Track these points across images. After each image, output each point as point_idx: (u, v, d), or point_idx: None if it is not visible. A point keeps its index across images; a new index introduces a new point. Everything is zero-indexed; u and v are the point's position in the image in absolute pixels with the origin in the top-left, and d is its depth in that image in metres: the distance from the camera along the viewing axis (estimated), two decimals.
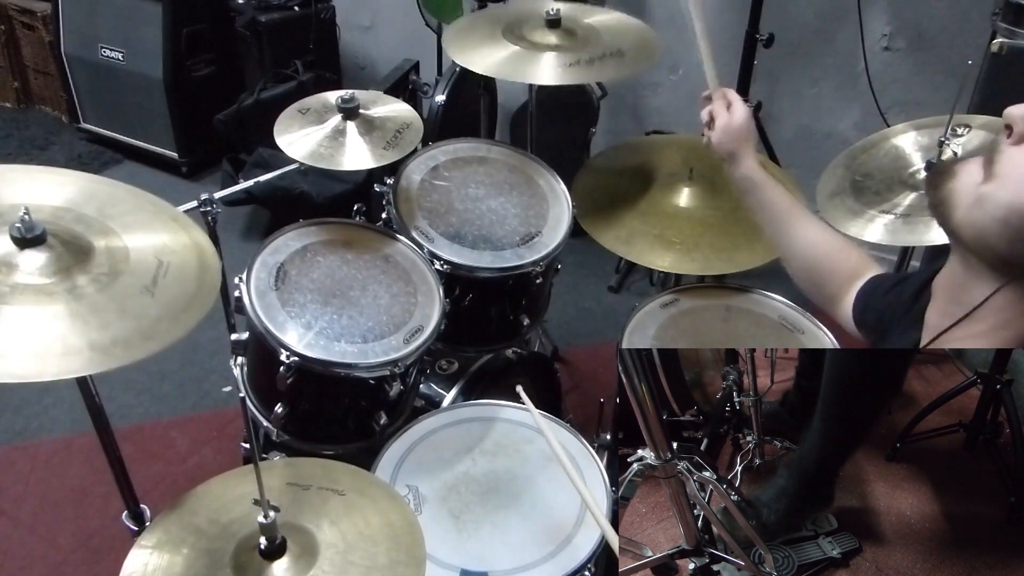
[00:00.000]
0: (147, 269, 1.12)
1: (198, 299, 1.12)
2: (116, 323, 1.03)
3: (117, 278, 1.09)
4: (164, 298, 1.09)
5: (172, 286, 1.12)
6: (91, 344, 1.00)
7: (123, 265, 1.11)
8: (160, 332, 1.05)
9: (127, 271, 1.11)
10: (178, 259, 1.16)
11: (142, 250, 1.15)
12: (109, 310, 1.05)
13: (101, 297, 1.06)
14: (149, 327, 1.05)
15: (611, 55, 1.84)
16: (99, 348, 1.00)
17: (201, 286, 1.15)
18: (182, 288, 1.12)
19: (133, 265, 1.12)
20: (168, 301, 1.09)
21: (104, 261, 1.11)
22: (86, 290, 1.06)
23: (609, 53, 1.84)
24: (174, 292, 1.11)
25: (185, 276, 1.14)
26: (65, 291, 1.05)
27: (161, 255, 1.15)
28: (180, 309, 1.09)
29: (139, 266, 1.12)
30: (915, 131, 1.73)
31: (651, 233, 1.80)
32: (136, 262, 1.13)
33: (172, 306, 1.09)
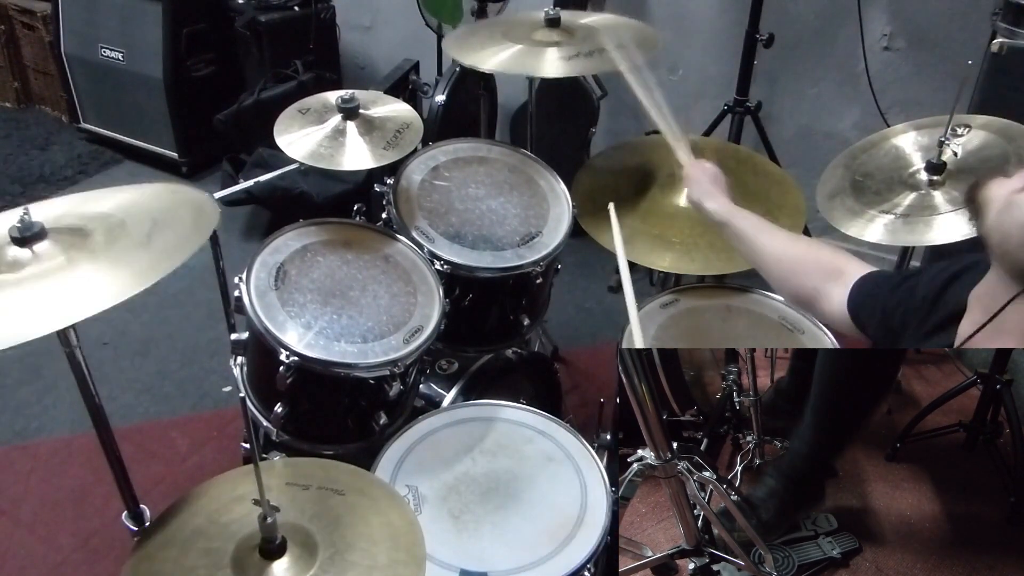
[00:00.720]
0: (142, 229, 1.16)
1: (193, 237, 1.16)
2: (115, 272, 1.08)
3: (113, 244, 1.13)
4: (160, 244, 1.14)
5: (168, 233, 1.16)
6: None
7: (119, 231, 1.15)
8: (160, 263, 1.09)
9: (123, 236, 1.14)
10: (174, 215, 1.21)
11: (138, 216, 1.19)
12: (105, 268, 1.09)
13: (97, 261, 1.10)
14: (149, 264, 1.09)
15: (612, 48, 1.85)
16: (110, 280, 1.05)
17: (196, 226, 1.19)
18: (178, 232, 1.17)
19: (130, 229, 1.16)
20: (164, 246, 1.13)
21: (101, 238, 1.14)
22: (83, 265, 1.09)
23: (613, 45, 1.85)
24: (170, 237, 1.15)
25: (181, 226, 1.19)
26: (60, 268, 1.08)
27: (156, 216, 1.19)
28: (177, 245, 1.14)
29: (135, 228, 1.16)
30: (915, 131, 1.73)
31: (651, 233, 1.80)
32: (132, 226, 1.16)
33: (171, 244, 1.14)
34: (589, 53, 1.84)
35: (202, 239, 1.17)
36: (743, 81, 2.73)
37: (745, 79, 2.73)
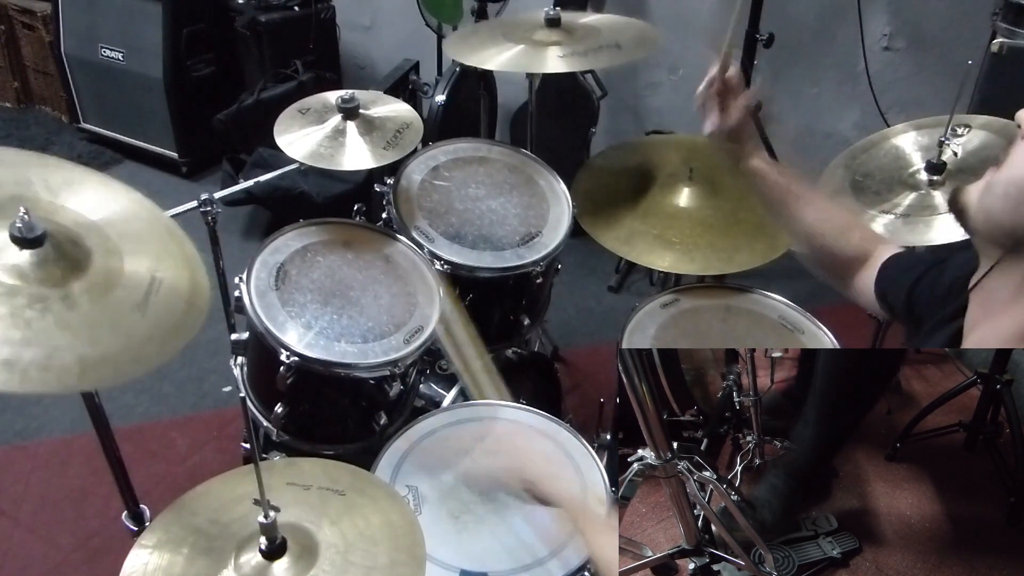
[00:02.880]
0: (140, 285, 1.10)
1: (187, 321, 1.10)
2: (107, 339, 1.01)
3: (111, 291, 1.07)
4: (155, 318, 1.07)
5: (162, 306, 1.09)
6: (81, 359, 0.98)
7: (117, 278, 1.09)
8: (148, 353, 1.03)
9: (121, 285, 1.08)
10: (171, 278, 1.13)
11: (137, 265, 1.12)
12: (101, 324, 1.02)
13: (94, 309, 1.04)
14: (139, 346, 1.03)
15: (611, 46, 1.85)
16: (89, 364, 0.98)
17: (190, 308, 1.12)
18: (172, 308, 1.10)
19: (127, 280, 1.10)
20: (158, 321, 1.07)
21: (100, 272, 1.08)
22: (80, 299, 1.04)
23: (609, 44, 1.85)
24: (164, 312, 1.09)
25: (176, 296, 1.12)
26: (59, 298, 1.03)
27: (155, 272, 1.13)
28: (169, 330, 1.07)
29: (133, 281, 1.10)
30: (915, 131, 1.73)
31: (651, 233, 1.80)
32: (130, 277, 1.10)
33: (161, 326, 1.07)
34: (591, 49, 1.84)
35: (195, 327, 1.10)
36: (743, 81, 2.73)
37: (745, 79, 2.72)
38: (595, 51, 1.84)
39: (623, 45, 1.87)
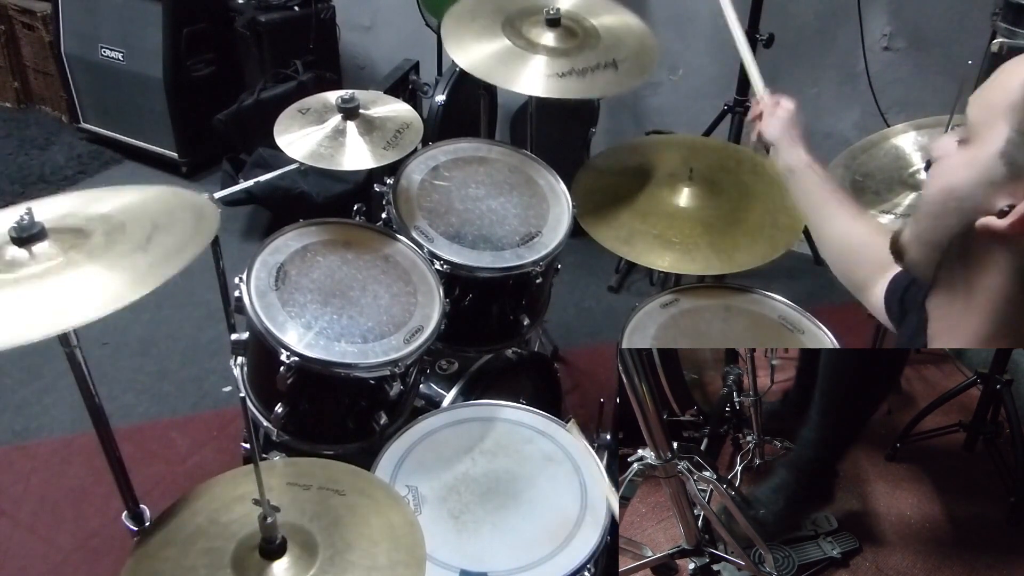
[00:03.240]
0: (142, 233, 1.15)
1: (193, 241, 1.15)
2: (109, 276, 1.07)
3: (112, 247, 1.12)
4: (158, 250, 1.13)
5: (166, 240, 1.15)
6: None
7: (118, 235, 1.14)
8: (153, 273, 1.08)
9: (122, 240, 1.13)
10: (175, 219, 1.20)
11: (138, 219, 1.18)
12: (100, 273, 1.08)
13: (94, 265, 1.09)
14: (144, 271, 1.08)
15: (605, 66, 1.83)
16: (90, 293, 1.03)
17: (197, 230, 1.18)
18: (178, 237, 1.16)
19: (128, 234, 1.14)
20: (162, 252, 1.12)
21: (101, 240, 1.13)
22: (82, 267, 1.09)
23: (603, 64, 1.83)
24: (168, 243, 1.14)
25: (182, 230, 1.18)
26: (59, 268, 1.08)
27: (157, 219, 1.18)
28: (175, 250, 1.13)
29: (134, 232, 1.15)
30: (915, 131, 1.73)
31: (651, 233, 1.80)
32: (132, 230, 1.15)
33: (168, 250, 1.13)
34: (582, 71, 1.81)
35: (202, 244, 1.16)
36: (743, 81, 2.73)
37: (745, 79, 2.72)
38: (592, 71, 1.81)
39: (620, 62, 1.85)
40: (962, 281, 0.90)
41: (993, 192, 0.83)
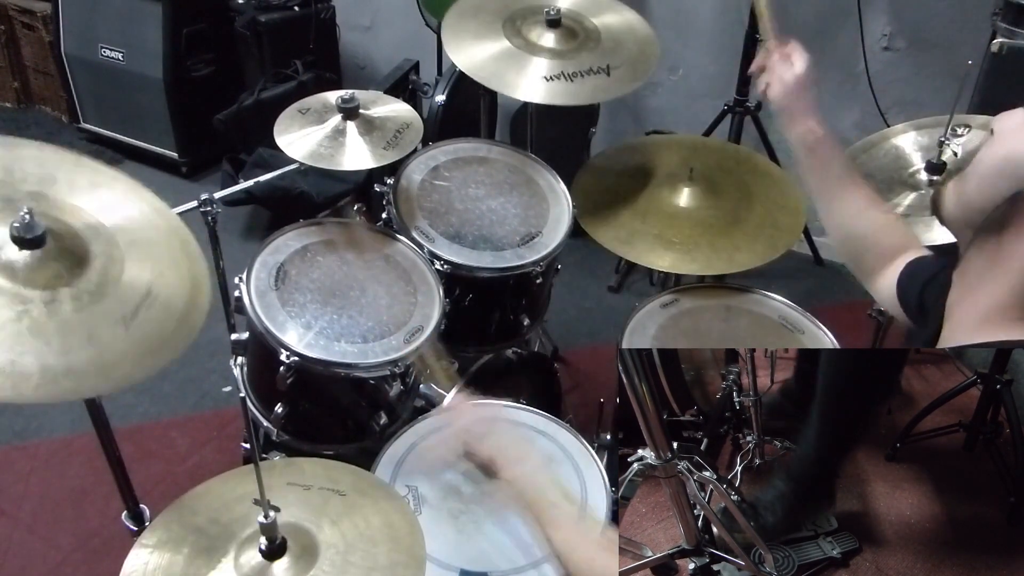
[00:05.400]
0: (133, 298, 1.08)
1: (171, 343, 1.08)
2: (78, 350, 0.99)
3: (100, 300, 1.05)
4: (138, 334, 1.06)
5: (152, 322, 1.08)
6: (43, 369, 0.96)
7: (111, 288, 1.08)
8: (120, 370, 1.01)
9: (113, 295, 1.07)
10: (168, 294, 1.12)
11: (136, 276, 1.11)
12: (77, 334, 1.01)
13: (75, 318, 1.02)
14: (112, 360, 1.01)
15: (596, 71, 1.82)
16: (49, 376, 0.96)
17: (180, 328, 1.10)
18: (160, 326, 1.08)
19: (122, 290, 1.08)
20: (141, 337, 1.06)
21: (95, 278, 1.07)
22: (63, 306, 1.02)
23: (595, 69, 1.83)
24: (151, 329, 1.07)
25: (169, 313, 1.10)
26: (43, 302, 1.02)
27: (153, 286, 1.11)
28: (149, 350, 1.05)
29: (127, 292, 1.09)
30: (915, 131, 1.73)
31: (651, 233, 1.80)
32: (126, 287, 1.09)
33: (142, 344, 1.05)
34: (577, 74, 1.80)
35: (180, 348, 1.08)
36: (743, 81, 2.73)
37: (745, 79, 2.73)
38: (583, 75, 1.80)
39: (613, 69, 1.84)
40: (994, 246, 0.93)
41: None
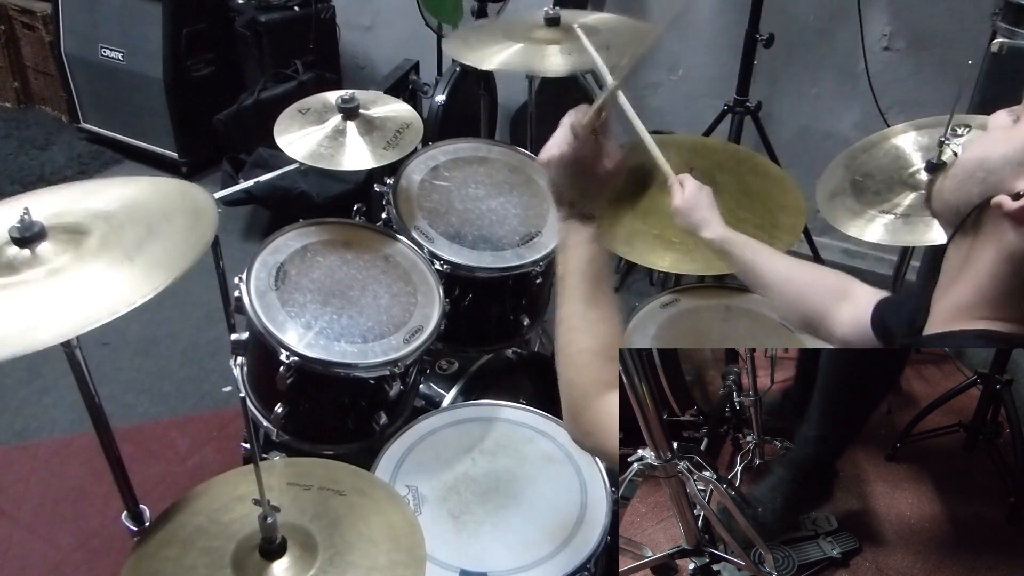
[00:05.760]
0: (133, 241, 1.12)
1: (185, 251, 1.11)
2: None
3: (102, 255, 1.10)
4: (145, 261, 1.10)
5: (158, 247, 1.12)
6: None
7: (114, 238, 1.12)
8: (142, 284, 1.05)
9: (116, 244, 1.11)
10: (171, 220, 1.17)
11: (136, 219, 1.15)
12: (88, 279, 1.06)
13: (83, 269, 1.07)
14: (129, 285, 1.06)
15: (613, 46, 1.84)
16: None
17: (193, 232, 1.15)
18: (169, 248, 1.12)
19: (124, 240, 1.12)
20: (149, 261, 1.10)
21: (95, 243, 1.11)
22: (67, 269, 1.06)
23: (611, 44, 1.84)
24: (161, 250, 1.11)
25: (176, 232, 1.15)
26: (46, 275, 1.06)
27: (151, 220, 1.15)
28: (159, 266, 1.09)
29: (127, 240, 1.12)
30: (915, 131, 1.73)
31: (651, 233, 1.80)
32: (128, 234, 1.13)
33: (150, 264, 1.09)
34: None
35: (197, 249, 1.12)
36: (743, 81, 2.73)
37: (745, 79, 2.72)
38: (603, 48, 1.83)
39: (627, 45, 1.85)
40: (967, 247, 0.93)
41: (1017, 173, 0.86)
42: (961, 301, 0.92)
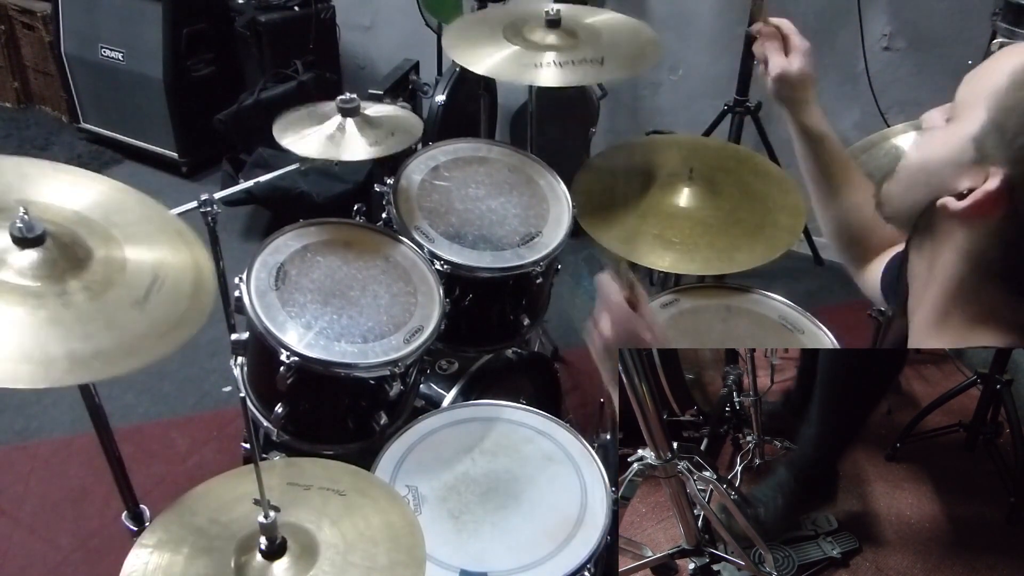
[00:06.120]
0: (142, 283, 1.10)
1: (188, 317, 1.10)
2: (101, 334, 1.01)
3: (109, 288, 1.07)
4: (154, 314, 1.07)
5: (164, 303, 1.09)
6: (70, 353, 0.98)
7: (118, 276, 1.09)
8: (144, 348, 1.03)
9: (121, 282, 1.09)
10: (175, 276, 1.14)
11: (140, 263, 1.13)
12: (96, 321, 1.03)
13: (90, 306, 1.04)
14: (134, 342, 1.04)
15: (611, 56, 1.84)
16: (78, 359, 0.98)
17: (193, 305, 1.12)
18: (174, 306, 1.10)
19: (129, 277, 1.10)
20: (157, 318, 1.07)
21: (100, 270, 1.09)
22: (75, 297, 1.04)
23: (609, 54, 1.84)
24: (165, 309, 1.09)
25: (179, 294, 1.12)
26: (54, 295, 1.03)
27: (159, 270, 1.13)
28: (169, 327, 1.07)
29: (135, 278, 1.10)
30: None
31: (651, 233, 1.80)
32: (132, 274, 1.11)
33: (160, 323, 1.07)
34: (589, 60, 1.81)
35: (198, 322, 1.10)
36: (743, 81, 2.73)
37: (745, 79, 2.73)
38: (599, 61, 1.81)
39: (626, 54, 1.85)
40: (928, 251, 0.92)
41: (959, 173, 0.85)
42: (937, 310, 0.91)
